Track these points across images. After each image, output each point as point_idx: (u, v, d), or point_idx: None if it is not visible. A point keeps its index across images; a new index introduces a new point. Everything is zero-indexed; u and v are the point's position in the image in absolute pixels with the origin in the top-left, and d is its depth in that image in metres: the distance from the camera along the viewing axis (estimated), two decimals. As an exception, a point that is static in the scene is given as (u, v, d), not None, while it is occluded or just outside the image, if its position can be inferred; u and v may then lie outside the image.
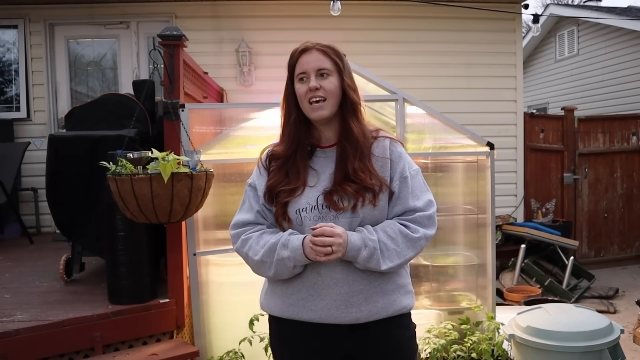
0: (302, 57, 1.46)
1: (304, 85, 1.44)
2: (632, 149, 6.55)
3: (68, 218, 3.08)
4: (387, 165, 1.47)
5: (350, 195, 1.39)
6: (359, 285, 1.40)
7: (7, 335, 2.35)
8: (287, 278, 1.45)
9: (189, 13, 5.36)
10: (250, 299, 2.81)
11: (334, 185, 1.42)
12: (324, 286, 1.40)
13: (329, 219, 1.40)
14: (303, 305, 1.42)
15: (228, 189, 2.98)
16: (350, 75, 1.50)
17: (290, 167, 1.47)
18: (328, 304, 1.40)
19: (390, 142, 1.50)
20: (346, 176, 1.42)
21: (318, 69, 1.43)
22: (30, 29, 5.27)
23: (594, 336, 2.61)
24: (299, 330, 1.44)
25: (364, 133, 1.48)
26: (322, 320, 1.41)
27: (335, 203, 1.40)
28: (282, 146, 1.51)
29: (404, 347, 1.50)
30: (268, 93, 4.53)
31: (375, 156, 1.47)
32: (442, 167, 3.31)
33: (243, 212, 1.51)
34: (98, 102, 3.36)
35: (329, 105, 1.44)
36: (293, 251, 1.37)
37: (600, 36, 8.60)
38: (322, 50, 1.45)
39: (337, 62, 1.46)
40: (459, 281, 3.35)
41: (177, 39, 2.80)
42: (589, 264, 6.16)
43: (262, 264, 1.43)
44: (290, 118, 1.49)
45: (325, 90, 1.43)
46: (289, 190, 1.43)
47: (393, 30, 5.57)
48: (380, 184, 1.43)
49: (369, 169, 1.43)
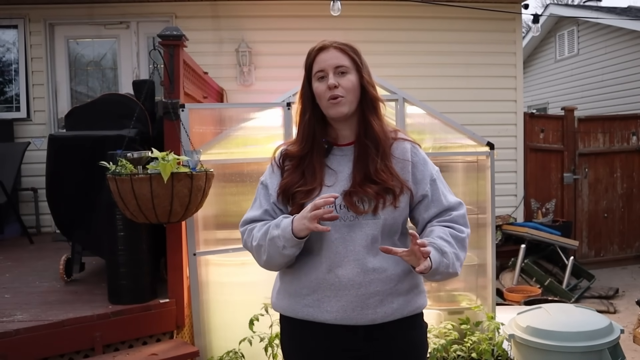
0: (319, 55, 1.44)
1: (323, 83, 1.42)
2: (632, 149, 6.55)
3: (68, 218, 3.08)
4: (408, 167, 1.45)
5: (370, 197, 1.38)
6: (376, 287, 1.38)
7: (7, 335, 2.35)
8: (278, 266, 1.44)
9: (189, 13, 5.36)
10: (250, 299, 2.83)
11: (353, 186, 1.40)
12: (341, 287, 1.38)
13: (348, 219, 1.39)
14: (318, 306, 1.40)
15: (228, 189, 2.98)
16: (369, 72, 1.49)
17: (307, 167, 1.45)
18: (344, 305, 1.38)
19: (412, 146, 1.50)
20: (366, 176, 1.40)
21: (336, 67, 1.42)
22: (30, 29, 5.27)
23: (594, 336, 2.61)
24: (313, 330, 1.43)
25: (384, 131, 1.47)
26: (337, 322, 1.39)
27: (355, 205, 1.38)
28: (296, 145, 1.49)
29: (417, 346, 1.50)
30: (268, 93, 4.54)
31: (395, 157, 1.45)
32: (442, 167, 3.25)
33: (253, 210, 1.50)
34: (98, 102, 3.36)
35: (347, 102, 1.43)
36: (283, 229, 1.35)
37: (600, 36, 8.60)
38: (339, 48, 1.44)
39: (355, 59, 1.45)
40: (459, 281, 3.35)
41: (177, 39, 2.80)
42: (589, 264, 6.16)
43: (259, 247, 1.42)
44: (305, 116, 1.48)
45: (344, 87, 1.42)
46: (305, 192, 1.41)
47: (393, 30, 5.57)
48: (401, 186, 1.41)
49: (390, 170, 1.41)
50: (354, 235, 1.39)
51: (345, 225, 1.39)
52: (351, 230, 1.39)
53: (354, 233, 1.39)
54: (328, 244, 1.39)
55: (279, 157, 1.51)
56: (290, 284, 1.47)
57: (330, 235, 1.38)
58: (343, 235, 1.39)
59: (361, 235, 1.39)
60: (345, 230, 1.39)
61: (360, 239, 1.39)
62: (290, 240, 1.35)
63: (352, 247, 1.38)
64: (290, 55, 4.18)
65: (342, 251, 1.38)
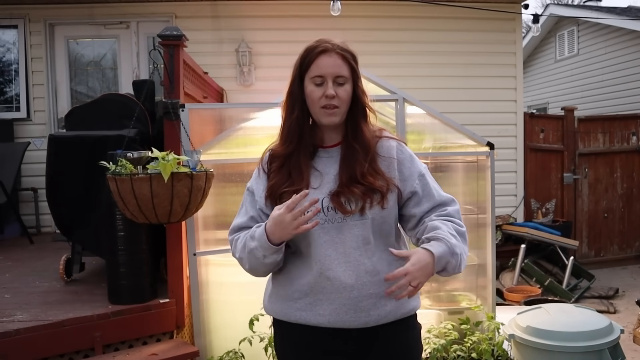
0: (320, 58, 1.40)
1: (319, 89, 1.40)
2: (632, 149, 6.54)
3: (68, 218, 3.08)
4: (394, 164, 1.44)
5: (357, 196, 1.37)
6: (369, 290, 1.37)
7: (7, 335, 2.35)
8: (265, 273, 1.44)
9: (189, 13, 5.36)
10: (250, 299, 2.82)
11: (340, 186, 1.39)
12: (333, 290, 1.37)
13: (335, 221, 1.38)
14: (311, 310, 1.39)
15: (228, 189, 2.98)
16: (361, 79, 1.47)
17: (293, 167, 1.43)
18: (337, 308, 1.37)
19: (398, 143, 1.48)
20: (352, 177, 1.39)
21: (336, 76, 1.40)
22: (30, 29, 5.27)
23: (594, 336, 2.61)
24: (306, 333, 1.42)
25: (371, 135, 1.46)
26: (330, 325, 1.38)
27: (342, 205, 1.37)
28: (281, 144, 1.47)
29: (411, 348, 1.49)
30: (268, 93, 4.53)
31: (380, 156, 1.44)
32: (442, 167, 3.31)
33: (239, 217, 1.49)
34: (98, 102, 3.35)
35: (341, 113, 1.42)
36: (259, 240, 1.34)
37: (600, 36, 8.60)
38: (341, 55, 1.41)
39: (354, 68, 1.43)
40: (459, 281, 3.35)
41: (177, 39, 2.81)
42: (589, 264, 6.15)
43: (241, 260, 1.42)
44: (292, 115, 1.44)
45: (340, 98, 1.40)
46: (292, 192, 1.38)
47: (393, 30, 5.57)
48: (388, 185, 1.40)
49: (377, 171, 1.40)
50: (343, 237, 1.37)
51: (334, 227, 1.38)
52: (340, 232, 1.38)
53: (343, 235, 1.37)
54: (318, 247, 1.37)
55: (266, 161, 1.49)
56: (282, 287, 1.45)
57: (320, 237, 1.37)
58: (332, 237, 1.37)
59: (350, 237, 1.37)
60: (334, 232, 1.38)
61: (350, 240, 1.37)
62: (269, 249, 1.34)
63: (343, 249, 1.37)
64: (290, 55, 4.15)
65: (333, 254, 1.37)
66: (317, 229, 1.36)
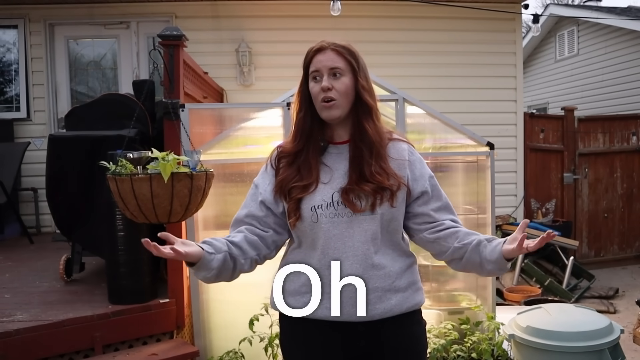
0: (316, 56, 1.45)
1: (317, 84, 1.43)
2: (632, 149, 6.54)
3: (68, 218, 3.08)
4: (405, 165, 1.47)
5: (367, 194, 1.39)
6: (375, 284, 1.40)
7: (7, 335, 2.35)
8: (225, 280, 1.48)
9: (189, 13, 5.36)
10: (250, 299, 2.83)
11: (350, 183, 1.41)
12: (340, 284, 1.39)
13: (345, 215, 1.40)
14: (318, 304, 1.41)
15: (228, 189, 2.98)
16: (366, 77, 1.48)
17: (302, 163, 1.46)
18: (343, 302, 1.39)
19: (409, 146, 1.52)
20: (362, 176, 1.41)
21: (331, 68, 1.42)
22: (30, 29, 5.27)
23: (594, 336, 2.60)
24: (313, 328, 1.44)
25: (380, 134, 1.47)
26: (336, 319, 1.40)
27: (352, 202, 1.39)
28: (291, 142, 1.51)
29: (417, 342, 1.51)
30: (268, 93, 4.54)
31: (391, 158, 1.46)
32: (442, 167, 3.31)
33: (240, 209, 1.53)
34: (98, 102, 3.36)
35: (340, 106, 1.43)
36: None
37: (600, 36, 8.59)
38: (336, 50, 1.44)
39: (352, 62, 1.45)
40: (459, 281, 3.35)
41: (177, 39, 2.81)
42: (589, 264, 6.16)
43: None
44: (300, 113, 1.49)
45: (337, 90, 1.42)
46: (302, 187, 1.42)
47: (393, 30, 5.57)
48: (398, 183, 1.43)
49: (386, 170, 1.42)
50: (352, 232, 1.40)
51: (344, 221, 1.40)
52: (349, 227, 1.40)
53: (352, 229, 1.40)
54: (326, 241, 1.40)
55: (275, 158, 1.53)
56: (289, 282, 1.46)
57: (329, 231, 1.39)
58: (342, 231, 1.40)
59: (359, 231, 1.40)
60: (344, 226, 1.40)
61: (359, 234, 1.40)
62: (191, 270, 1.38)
63: (351, 243, 1.39)
64: (290, 55, 4.17)
65: (341, 247, 1.39)
66: (327, 223, 1.39)
